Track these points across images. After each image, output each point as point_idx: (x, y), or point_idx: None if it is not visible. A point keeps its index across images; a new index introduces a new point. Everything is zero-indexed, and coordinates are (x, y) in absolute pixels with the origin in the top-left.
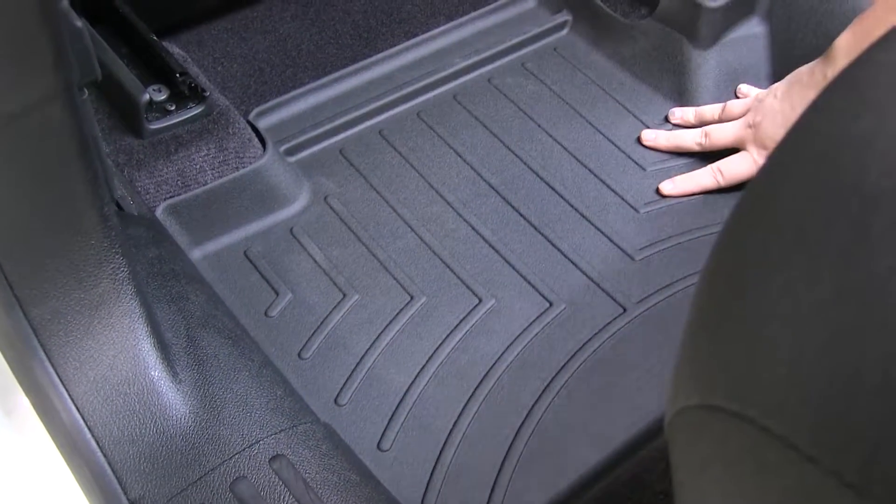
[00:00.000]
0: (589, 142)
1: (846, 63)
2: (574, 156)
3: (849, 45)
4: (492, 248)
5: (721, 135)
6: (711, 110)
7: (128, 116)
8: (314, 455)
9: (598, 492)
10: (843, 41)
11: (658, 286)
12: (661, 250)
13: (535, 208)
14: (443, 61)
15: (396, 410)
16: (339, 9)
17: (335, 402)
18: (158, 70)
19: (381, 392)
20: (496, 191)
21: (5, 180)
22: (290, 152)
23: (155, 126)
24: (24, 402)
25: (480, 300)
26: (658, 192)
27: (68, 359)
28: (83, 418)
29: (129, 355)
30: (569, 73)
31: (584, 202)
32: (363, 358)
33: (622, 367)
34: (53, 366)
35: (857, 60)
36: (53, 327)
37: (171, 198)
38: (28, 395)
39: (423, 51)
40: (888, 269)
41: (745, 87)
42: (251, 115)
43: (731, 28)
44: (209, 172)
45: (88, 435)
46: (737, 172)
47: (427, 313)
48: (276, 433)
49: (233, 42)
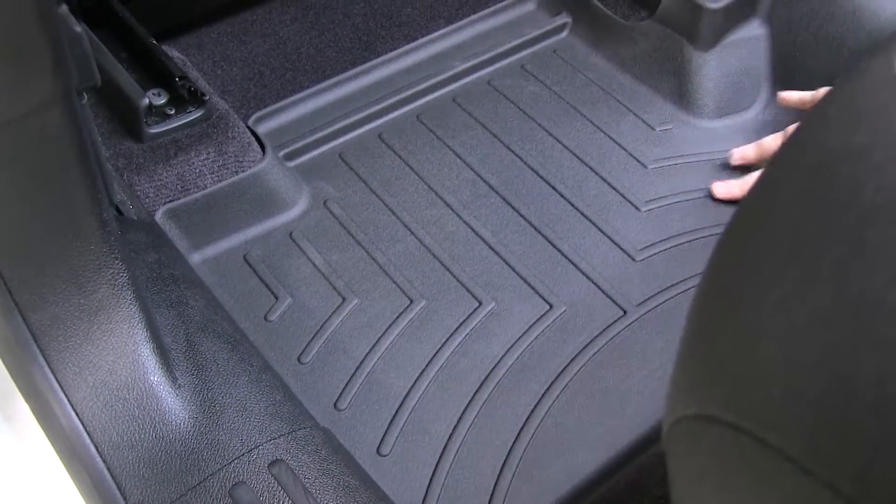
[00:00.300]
0: (589, 139)
1: None
2: (574, 154)
3: None
4: (492, 250)
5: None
6: (771, 141)
7: (127, 120)
8: (313, 460)
9: (598, 496)
10: None
11: (658, 288)
12: (662, 250)
13: (535, 208)
14: (442, 65)
15: (396, 415)
16: (339, 12)
17: (335, 406)
18: (158, 74)
19: (381, 396)
20: (496, 191)
21: (5, 185)
22: (289, 157)
23: (154, 130)
24: (23, 407)
25: (480, 303)
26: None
27: (67, 364)
28: (82, 423)
29: (128, 360)
30: (569, 74)
31: (584, 201)
32: (363, 362)
33: (622, 371)
34: (53, 371)
35: (852, 73)
36: (53, 332)
37: (170, 202)
38: (27, 400)
39: (422, 54)
40: (883, 285)
41: (786, 93)
42: (250, 121)
43: (731, 30)
44: (209, 176)
45: (88, 440)
46: None
47: (427, 317)
48: (275, 438)
49: (232, 45)
